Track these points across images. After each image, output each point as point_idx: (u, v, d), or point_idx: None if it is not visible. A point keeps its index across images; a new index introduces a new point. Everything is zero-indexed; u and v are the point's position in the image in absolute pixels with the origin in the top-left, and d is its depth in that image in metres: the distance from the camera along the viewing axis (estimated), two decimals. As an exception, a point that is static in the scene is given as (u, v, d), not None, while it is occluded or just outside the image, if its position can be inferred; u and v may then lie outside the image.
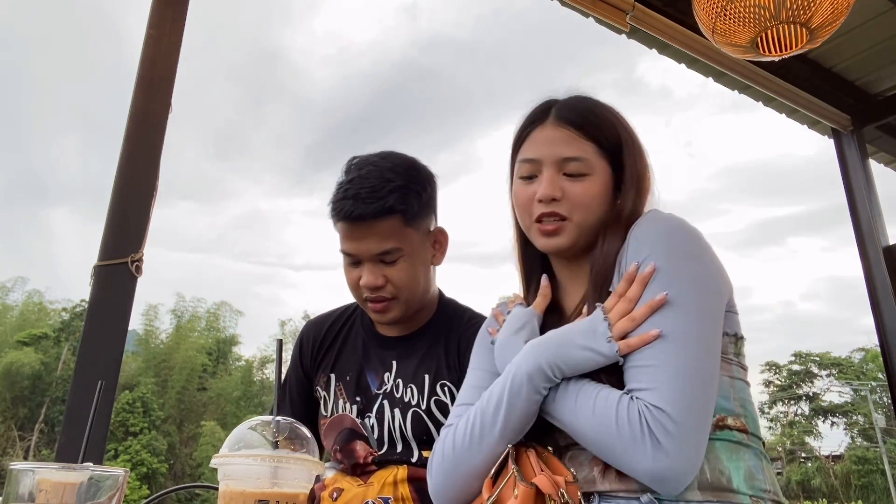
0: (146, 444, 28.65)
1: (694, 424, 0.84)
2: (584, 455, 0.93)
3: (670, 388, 0.85)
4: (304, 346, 1.49)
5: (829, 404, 37.97)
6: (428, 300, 1.41)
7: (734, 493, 0.87)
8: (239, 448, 0.80)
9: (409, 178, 1.33)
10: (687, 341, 0.88)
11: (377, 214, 1.27)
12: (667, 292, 0.90)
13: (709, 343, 0.90)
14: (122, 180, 1.61)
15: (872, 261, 3.09)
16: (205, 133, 73.96)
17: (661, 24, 2.71)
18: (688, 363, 0.87)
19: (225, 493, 0.77)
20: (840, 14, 2.02)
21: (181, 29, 1.77)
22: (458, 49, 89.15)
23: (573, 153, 1.04)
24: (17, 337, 31.70)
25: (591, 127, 1.06)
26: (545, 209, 1.03)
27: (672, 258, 0.93)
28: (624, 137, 1.07)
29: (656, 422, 0.83)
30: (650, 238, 0.96)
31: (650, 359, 0.88)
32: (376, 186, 1.28)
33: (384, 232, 1.28)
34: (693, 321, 0.90)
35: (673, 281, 0.91)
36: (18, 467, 0.67)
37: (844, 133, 3.34)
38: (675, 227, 0.97)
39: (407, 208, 1.29)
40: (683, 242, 0.96)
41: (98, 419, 1.29)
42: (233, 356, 37.74)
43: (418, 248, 1.33)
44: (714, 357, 0.91)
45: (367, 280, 1.29)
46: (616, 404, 0.86)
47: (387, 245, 1.28)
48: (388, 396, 1.33)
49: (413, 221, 1.31)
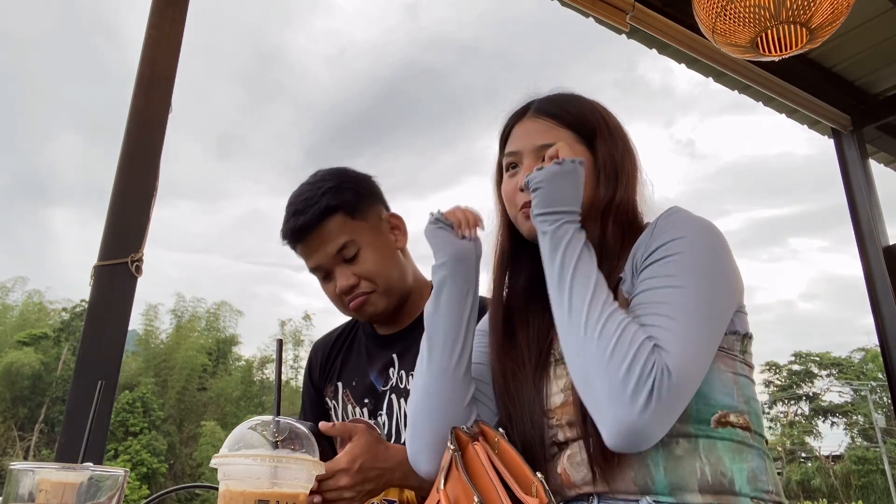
0: (146, 444, 28.62)
1: (687, 391, 0.84)
2: (583, 454, 0.91)
3: (681, 344, 0.83)
4: (313, 363, 1.53)
5: (829, 404, 37.95)
6: (414, 288, 1.41)
7: (736, 496, 0.86)
8: (239, 448, 0.80)
9: (339, 179, 1.37)
10: (700, 298, 0.87)
11: (319, 218, 1.31)
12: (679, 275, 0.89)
13: (717, 312, 0.90)
14: (122, 180, 1.61)
15: (872, 261, 3.09)
16: (205, 133, 73.98)
17: (661, 24, 2.71)
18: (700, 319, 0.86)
19: (225, 493, 0.77)
20: (840, 14, 2.02)
21: (181, 29, 1.77)
22: (459, 49, 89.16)
23: (549, 140, 1.04)
24: (17, 337, 31.68)
25: (567, 115, 1.07)
26: (527, 197, 1.02)
27: (693, 246, 0.92)
28: (598, 124, 1.07)
29: (661, 377, 0.80)
30: (674, 225, 0.94)
31: (662, 299, 0.87)
32: (309, 196, 1.33)
33: (332, 232, 1.31)
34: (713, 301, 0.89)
35: (689, 266, 0.90)
36: (18, 467, 0.67)
37: (844, 133, 3.34)
38: (700, 220, 0.96)
39: (343, 202, 1.32)
40: (707, 235, 0.94)
41: (98, 419, 1.29)
42: (233, 356, 37.72)
43: (374, 237, 1.35)
44: (719, 327, 0.90)
45: (340, 284, 1.32)
46: (636, 341, 0.83)
47: (340, 241, 1.31)
48: (394, 390, 1.34)
49: (357, 213, 1.34)
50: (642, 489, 0.86)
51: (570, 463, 0.93)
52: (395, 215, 1.43)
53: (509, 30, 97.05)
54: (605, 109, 1.11)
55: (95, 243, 1.55)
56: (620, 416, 0.80)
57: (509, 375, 1.02)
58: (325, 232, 1.31)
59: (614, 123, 1.09)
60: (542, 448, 0.97)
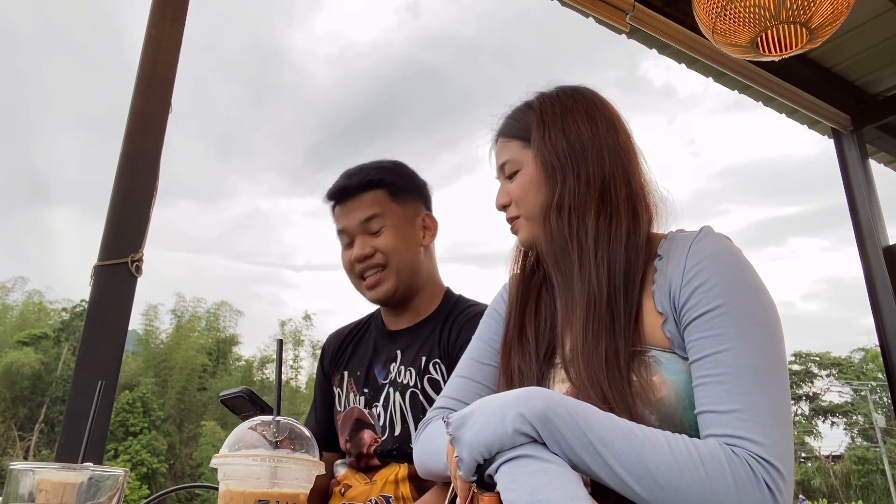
0: (146, 444, 28.63)
1: (791, 483, 0.76)
2: None
3: (770, 432, 0.75)
4: (325, 352, 1.59)
5: (829, 404, 37.96)
6: (426, 286, 1.44)
7: None
8: (239, 448, 0.80)
9: (394, 165, 1.48)
10: (771, 379, 0.79)
11: (362, 186, 1.41)
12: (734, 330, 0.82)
13: (784, 381, 0.82)
14: (122, 180, 1.61)
15: (872, 261, 3.08)
16: (206, 133, 73.97)
17: (661, 24, 2.71)
18: (779, 405, 0.78)
19: (225, 493, 0.77)
20: (840, 14, 2.02)
21: (181, 29, 1.77)
22: (460, 48, 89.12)
23: (504, 157, 1.07)
24: (17, 337, 31.69)
25: (511, 126, 1.08)
26: (507, 216, 1.06)
27: (744, 291, 0.85)
28: (535, 125, 1.02)
29: (770, 475, 0.72)
30: (713, 262, 0.87)
31: (733, 374, 0.79)
32: (363, 168, 1.46)
33: (368, 201, 1.41)
34: (772, 358, 0.82)
35: (747, 314, 0.83)
36: (18, 467, 0.67)
37: (844, 133, 3.34)
38: (740, 261, 0.89)
39: (389, 182, 1.42)
40: (749, 276, 0.87)
41: (98, 419, 1.29)
42: (233, 356, 37.74)
43: (404, 224, 1.42)
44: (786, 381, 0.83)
45: (356, 252, 1.39)
46: (720, 456, 0.73)
47: (371, 211, 1.40)
48: (392, 384, 1.37)
49: (396, 197, 1.43)
50: None
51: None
52: (431, 216, 1.50)
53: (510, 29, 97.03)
54: (547, 99, 1.05)
55: (95, 243, 1.55)
56: None
57: (516, 372, 1.02)
58: (362, 199, 1.41)
59: (548, 120, 1.02)
60: None
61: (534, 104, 1.06)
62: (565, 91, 1.06)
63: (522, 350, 1.03)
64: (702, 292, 0.85)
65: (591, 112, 1.02)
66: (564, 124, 1.01)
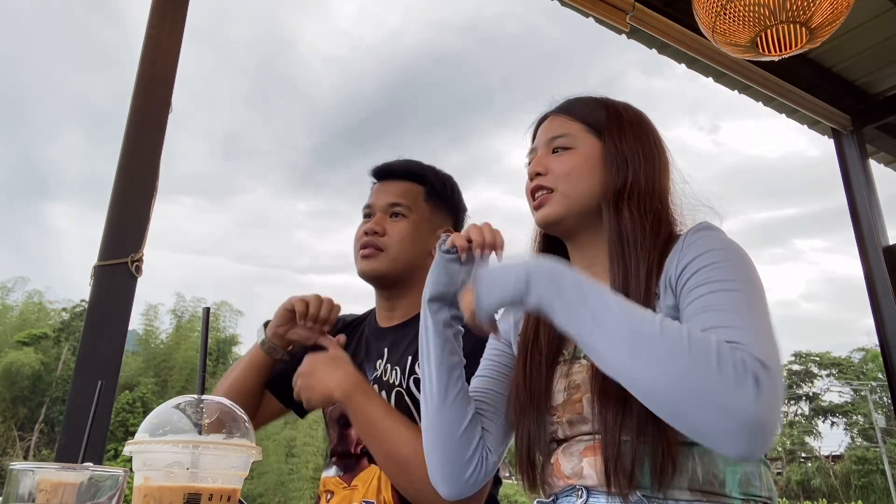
0: (146, 444, 28.62)
1: (780, 380, 0.76)
2: (577, 446, 0.93)
3: (757, 337, 0.78)
4: None
5: (829, 404, 37.95)
6: (419, 288, 1.42)
7: (726, 497, 0.86)
8: (164, 433, 0.67)
9: (447, 175, 1.52)
10: (758, 309, 0.83)
11: (407, 174, 1.46)
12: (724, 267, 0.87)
13: (768, 311, 0.85)
14: (122, 180, 1.61)
15: (873, 261, 3.08)
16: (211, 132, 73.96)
17: (661, 24, 2.71)
18: (768, 329, 0.81)
19: (142, 487, 0.65)
20: (840, 14, 2.02)
21: (181, 28, 1.77)
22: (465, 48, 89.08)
23: (559, 132, 1.09)
24: (17, 337, 31.67)
25: (579, 108, 1.11)
26: (534, 184, 1.06)
27: (729, 256, 0.90)
28: (611, 116, 1.09)
29: (756, 367, 0.73)
30: (705, 238, 0.92)
31: (720, 302, 0.83)
32: (416, 161, 1.51)
33: (403, 190, 1.45)
34: (757, 298, 0.85)
35: (733, 271, 0.87)
36: (18, 467, 0.67)
37: (844, 133, 3.34)
38: (730, 240, 0.94)
39: (431, 184, 1.46)
40: (741, 251, 0.92)
41: (98, 419, 1.29)
42: (233, 356, 37.71)
43: (422, 226, 1.44)
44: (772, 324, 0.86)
45: (370, 225, 1.42)
46: (711, 341, 0.75)
47: (401, 199, 1.44)
48: (377, 381, 1.36)
49: (430, 200, 1.46)
50: (634, 484, 0.86)
51: (563, 454, 0.95)
52: (450, 232, 1.48)
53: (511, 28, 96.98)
54: (619, 105, 1.13)
55: (96, 243, 1.55)
56: (735, 414, 0.71)
57: (528, 370, 1.03)
58: (399, 185, 1.45)
59: (625, 117, 1.10)
60: (543, 444, 0.98)
61: (607, 103, 1.12)
62: (635, 107, 1.13)
63: (536, 350, 1.05)
64: (697, 259, 0.90)
65: (657, 135, 1.11)
66: (639, 131, 1.08)
